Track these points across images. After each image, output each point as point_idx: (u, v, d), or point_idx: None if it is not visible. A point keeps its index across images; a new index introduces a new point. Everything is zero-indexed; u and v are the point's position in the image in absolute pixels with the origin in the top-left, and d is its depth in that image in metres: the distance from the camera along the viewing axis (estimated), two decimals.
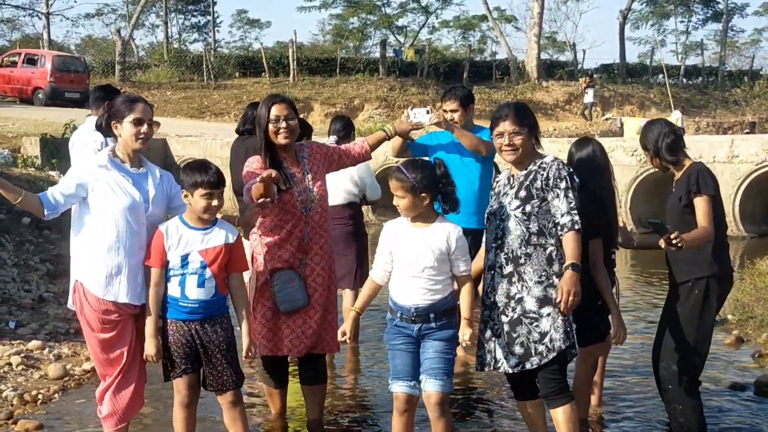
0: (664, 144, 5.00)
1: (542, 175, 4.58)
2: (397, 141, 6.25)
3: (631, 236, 5.36)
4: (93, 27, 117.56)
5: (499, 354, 4.66)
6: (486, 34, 54.75)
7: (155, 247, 4.55)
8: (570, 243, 4.47)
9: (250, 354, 4.67)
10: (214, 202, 4.52)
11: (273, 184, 4.70)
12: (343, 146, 5.35)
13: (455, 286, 4.63)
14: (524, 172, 4.67)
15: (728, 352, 7.36)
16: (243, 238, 4.90)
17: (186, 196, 4.55)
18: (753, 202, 15.72)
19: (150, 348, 4.52)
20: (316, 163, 5.17)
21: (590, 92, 33.23)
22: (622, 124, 28.70)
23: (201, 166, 4.59)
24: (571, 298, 4.37)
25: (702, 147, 15.44)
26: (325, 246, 5.19)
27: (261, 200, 4.65)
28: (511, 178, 4.74)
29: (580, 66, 43.89)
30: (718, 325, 7.62)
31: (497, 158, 5.80)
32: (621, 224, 5.37)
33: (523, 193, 4.61)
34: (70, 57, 33.97)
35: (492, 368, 4.73)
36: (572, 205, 4.50)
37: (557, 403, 4.60)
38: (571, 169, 4.68)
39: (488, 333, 4.71)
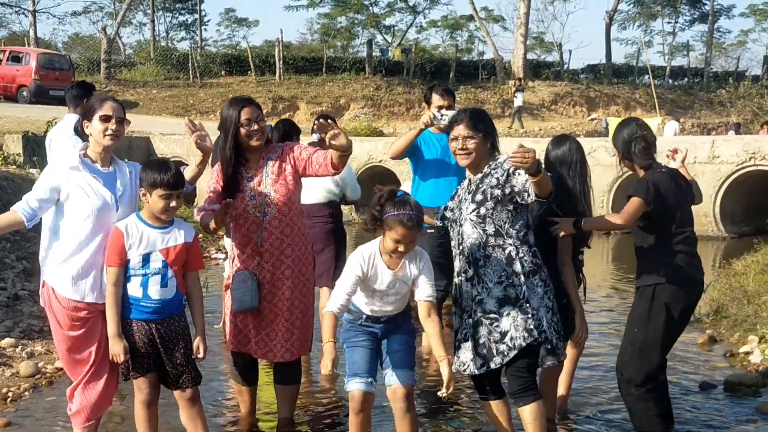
0: (636, 149, 5.03)
1: (497, 172, 4.61)
2: (406, 142, 6.59)
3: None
4: (80, 25, 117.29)
5: (465, 356, 4.69)
6: (474, 34, 54.81)
7: (114, 245, 4.49)
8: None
9: (200, 353, 4.65)
10: (172, 203, 4.49)
11: (228, 214, 4.70)
12: (312, 154, 5.05)
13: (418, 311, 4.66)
14: (479, 175, 4.70)
15: (701, 351, 7.41)
16: (226, 237, 4.94)
17: (144, 194, 4.54)
18: (733, 202, 15.83)
19: (115, 347, 4.49)
20: (284, 167, 5.05)
21: (519, 96, 31.78)
22: (607, 125, 28.77)
23: (160, 165, 4.55)
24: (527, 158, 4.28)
25: (683, 148, 15.49)
26: (290, 252, 5.08)
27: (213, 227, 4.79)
28: (469, 183, 4.78)
29: (566, 66, 43.97)
30: (693, 324, 7.69)
31: None
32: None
33: (478, 197, 4.64)
34: (56, 55, 33.87)
35: (461, 371, 4.76)
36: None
37: (525, 401, 4.61)
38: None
39: (458, 336, 4.75)
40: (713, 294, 9.17)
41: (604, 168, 16.23)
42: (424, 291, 4.55)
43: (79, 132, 4.73)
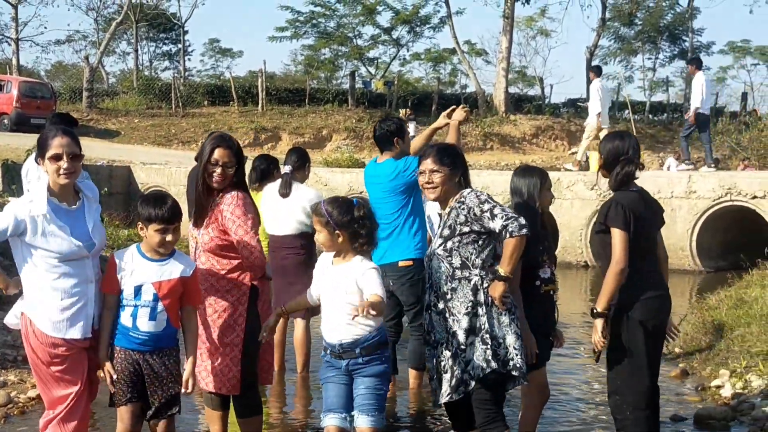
0: (622, 173, 5.00)
1: (464, 209, 4.69)
2: (423, 139, 6.89)
3: None
4: (63, 53, 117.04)
5: (443, 387, 4.74)
6: (456, 67, 55.12)
7: (109, 274, 4.56)
8: (504, 249, 4.63)
9: (188, 388, 4.64)
10: (168, 237, 4.52)
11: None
12: (235, 222, 4.86)
13: (379, 322, 4.64)
14: (447, 210, 4.78)
15: (673, 384, 7.47)
16: None
17: (141, 228, 4.56)
18: (710, 237, 15.96)
19: (103, 371, 4.55)
20: (221, 218, 4.92)
21: (411, 126, 29.93)
22: (587, 158, 28.94)
23: (156, 199, 4.57)
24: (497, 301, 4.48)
25: (661, 182, 15.71)
26: (212, 293, 4.97)
27: None
28: (446, 218, 4.85)
29: (548, 100, 44.28)
30: (666, 357, 7.76)
31: None
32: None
33: (446, 231, 4.73)
34: (37, 83, 33.87)
35: (435, 403, 4.82)
36: (505, 215, 4.61)
37: None
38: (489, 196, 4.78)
39: (438, 369, 4.79)
40: (687, 328, 9.26)
41: (583, 202, 16.41)
42: (366, 292, 4.46)
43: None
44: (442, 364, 4.70)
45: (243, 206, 4.89)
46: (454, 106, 6.86)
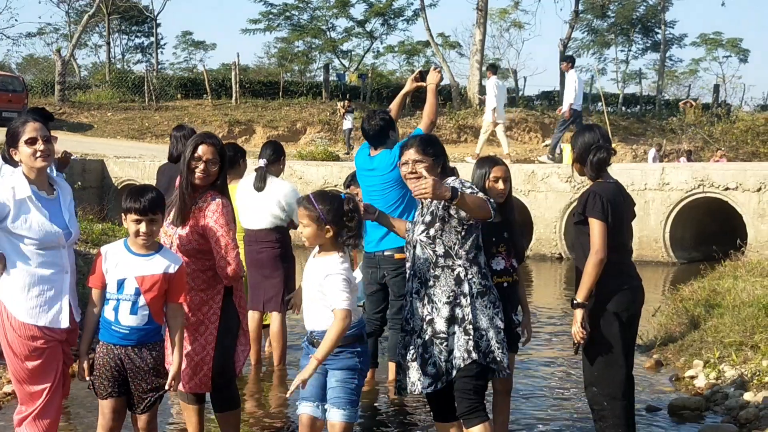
0: (595, 159, 5.05)
1: None
2: (396, 105, 7.05)
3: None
4: (34, 46, 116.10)
5: (414, 376, 4.75)
6: (430, 60, 55.18)
7: (95, 268, 4.59)
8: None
9: (172, 385, 4.64)
10: (142, 228, 4.52)
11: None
12: (216, 230, 4.87)
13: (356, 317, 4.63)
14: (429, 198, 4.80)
15: (647, 375, 7.54)
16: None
17: (124, 219, 4.59)
18: (683, 228, 16.12)
19: (81, 364, 4.57)
20: (201, 220, 4.93)
21: (349, 118, 29.95)
22: (561, 151, 29.08)
23: (136, 191, 4.59)
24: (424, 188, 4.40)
25: (635, 175, 15.83)
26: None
27: None
28: (422, 207, 4.88)
29: (521, 93, 44.43)
30: (640, 349, 7.84)
31: None
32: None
33: (428, 218, 4.75)
34: (9, 76, 33.44)
35: (409, 391, 4.82)
36: (466, 183, 4.72)
37: (472, 423, 4.69)
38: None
39: (407, 357, 4.80)
40: (661, 319, 9.35)
41: (557, 194, 16.49)
42: (331, 302, 4.43)
43: (8, 160, 4.73)
44: (421, 352, 4.71)
45: (226, 215, 4.90)
46: (420, 69, 6.95)
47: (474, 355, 4.60)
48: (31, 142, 4.48)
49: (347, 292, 4.44)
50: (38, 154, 4.48)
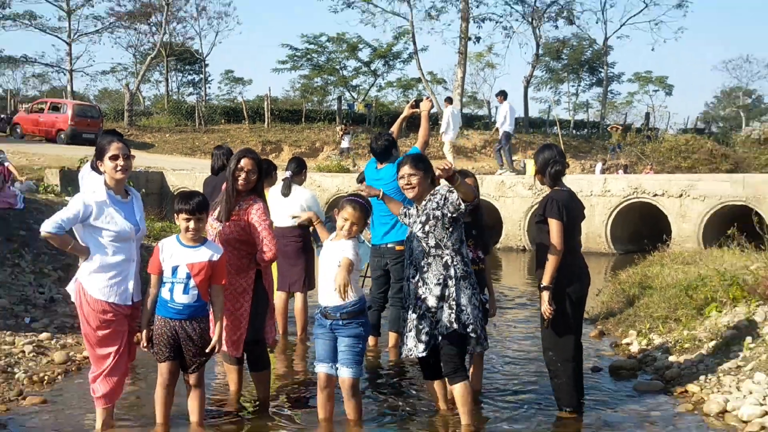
0: (552, 170, 5.08)
1: (436, 196, 4.77)
2: (397, 127, 7.09)
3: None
4: (108, 81, 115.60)
5: (411, 343, 4.76)
6: (422, 93, 55.06)
7: (153, 258, 4.59)
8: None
9: (214, 351, 4.64)
10: (191, 225, 4.53)
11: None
12: (258, 225, 4.93)
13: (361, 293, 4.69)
14: (424, 203, 4.83)
15: (592, 342, 7.52)
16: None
17: (177, 218, 4.59)
18: (621, 226, 16.09)
19: (142, 335, 4.60)
20: (245, 217, 4.95)
21: (346, 139, 29.26)
22: (525, 165, 29.06)
23: (186, 195, 4.60)
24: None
25: (582, 184, 15.82)
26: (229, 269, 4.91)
27: None
28: (417, 211, 4.90)
29: (493, 119, 44.31)
30: (587, 322, 7.81)
31: None
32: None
33: (423, 218, 4.78)
34: (88, 105, 33.40)
35: (405, 356, 4.85)
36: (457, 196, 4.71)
37: (454, 381, 4.72)
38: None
39: (405, 328, 4.82)
40: (603, 298, 9.33)
41: (521, 199, 16.49)
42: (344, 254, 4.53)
43: (95, 168, 4.74)
44: (416, 323, 4.73)
45: (265, 214, 4.99)
46: (416, 99, 7.00)
47: (455, 326, 4.63)
48: (114, 158, 4.52)
49: (355, 253, 4.54)
50: (119, 167, 4.52)
